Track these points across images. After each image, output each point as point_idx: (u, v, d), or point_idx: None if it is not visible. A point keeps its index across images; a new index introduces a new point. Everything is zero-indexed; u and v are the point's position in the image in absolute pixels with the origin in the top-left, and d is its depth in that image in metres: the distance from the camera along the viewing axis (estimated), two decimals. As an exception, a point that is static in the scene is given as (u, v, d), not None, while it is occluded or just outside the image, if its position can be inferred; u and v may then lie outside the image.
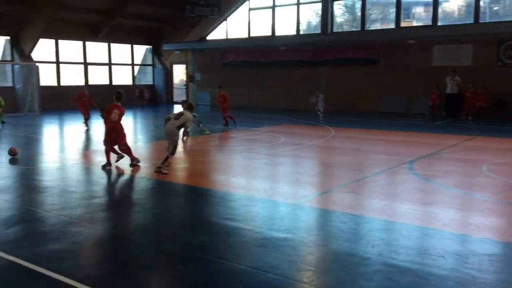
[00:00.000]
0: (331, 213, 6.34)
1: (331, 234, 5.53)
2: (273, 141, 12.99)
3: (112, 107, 9.22)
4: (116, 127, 9.20)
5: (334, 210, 6.45)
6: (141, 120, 20.64)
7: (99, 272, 4.51)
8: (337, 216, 6.17)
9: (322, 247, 5.14)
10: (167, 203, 7.06)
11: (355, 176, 8.65)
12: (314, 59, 24.48)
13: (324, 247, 5.14)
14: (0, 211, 6.36)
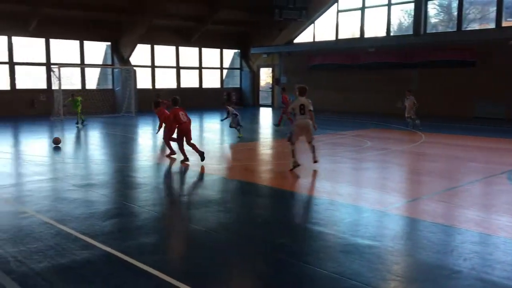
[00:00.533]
0: (420, 222, 6.05)
1: (419, 244, 5.27)
2: (359, 146, 12.70)
3: (177, 110, 10.10)
4: (188, 127, 10.18)
5: (423, 219, 6.14)
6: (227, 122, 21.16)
7: (185, 267, 4.69)
8: (426, 225, 5.88)
9: (409, 257, 4.92)
10: (251, 204, 7.17)
11: (447, 185, 8.19)
12: (405, 61, 23.56)
13: (411, 257, 4.92)
14: (98, 205, 6.85)
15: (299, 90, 9.74)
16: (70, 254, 4.86)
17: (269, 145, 13.68)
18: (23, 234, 5.48)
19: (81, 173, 9.30)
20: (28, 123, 18.72)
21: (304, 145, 9.67)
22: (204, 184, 8.50)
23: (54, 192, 7.70)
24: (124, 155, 11.52)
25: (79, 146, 13.77)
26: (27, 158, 10.77)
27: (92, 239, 5.30)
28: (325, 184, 8.33)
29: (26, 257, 4.76)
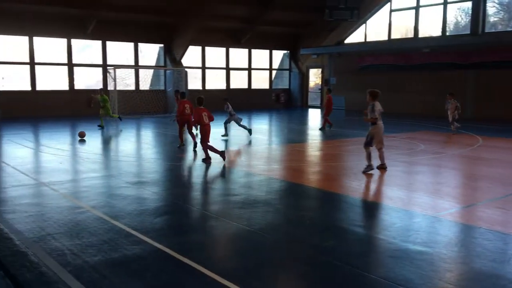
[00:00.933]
0: (475, 229, 5.80)
1: (474, 251, 5.06)
2: (412, 148, 12.35)
3: (201, 111, 10.27)
4: (208, 128, 10.33)
5: (479, 226, 5.88)
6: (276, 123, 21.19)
7: (232, 266, 4.73)
8: (481, 232, 5.63)
9: (463, 265, 4.72)
10: (298, 205, 7.13)
11: (506, 191, 7.81)
12: (462, 62, 22.71)
13: (465, 265, 4.72)
14: (149, 202, 7.04)
15: (373, 94, 9.35)
16: (122, 249, 5.02)
17: (317, 147, 13.56)
18: (78, 228, 5.71)
19: (134, 171, 9.59)
20: (85, 122, 19.51)
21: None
22: (253, 184, 8.54)
23: (108, 189, 7.98)
24: (175, 154, 11.78)
25: (132, 145, 14.21)
26: (84, 156, 11.22)
27: (143, 235, 5.45)
28: (375, 188, 8.15)
29: (81, 250, 4.96)
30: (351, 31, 28.26)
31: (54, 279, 4.17)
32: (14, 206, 6.69)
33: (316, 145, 14.07)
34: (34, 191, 7.79)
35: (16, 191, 7.64)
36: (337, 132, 16.30)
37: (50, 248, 5.01)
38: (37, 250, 4.93)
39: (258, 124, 20.09)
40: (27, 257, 4.59)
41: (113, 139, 15.00)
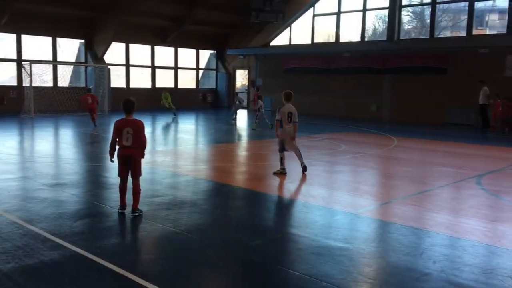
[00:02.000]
0: (391, 225, 6.15)
1: (390, 246, 5.36)
2: (333, 149, 12.83)
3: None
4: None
5: (394, 222, 6.24)
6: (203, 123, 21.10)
7: (158, 268, 4.64)
8: (397, 228, 5.97)
9: (380, 259, 4.99)
10: (225, 205, 7.15)
11: (418, 188, 8.35)
12: (379, 67, 23.95)
13: (382, 259, 4.99)
14: (68, 205, 6.72)
15: (286, 95, 9.19)
16: (38, 254, 4.75)
17: (244, 147, 13.68)
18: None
19: (52, 172, 9.10)
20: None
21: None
22: (178, 185, 8.43)
23: (23, 191, 7.51)
24: (95, 154, 11.33)
25: (50, 144, 13.47)
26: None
27: (62, 239, 5.19)
28: (299, 186, 8.37)
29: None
30: (277, 34, 28.81)
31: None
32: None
33: (243, 145, 14.18)
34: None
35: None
36: (264, 133, 16.54)
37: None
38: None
39: (185, 124, 19.88)
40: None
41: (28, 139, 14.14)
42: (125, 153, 6.14)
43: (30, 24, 22.10)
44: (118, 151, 6.21)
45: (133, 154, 6.14)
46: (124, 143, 6.09)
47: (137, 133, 6.09)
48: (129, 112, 6.17)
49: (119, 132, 6.08)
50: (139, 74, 27.36)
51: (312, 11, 26.91)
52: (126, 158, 6.16)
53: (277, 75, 28.16)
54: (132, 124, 6.10)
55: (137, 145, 6.16)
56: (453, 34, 23.06)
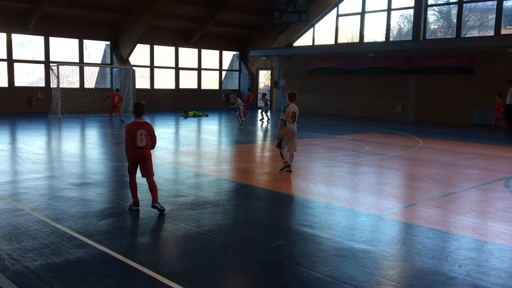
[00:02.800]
0: (416, 227, 6.06)
1: (414, 249, 5.28)
2: (357, 150, 12.72)
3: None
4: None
5: (419, 224, 6.15)
6: (225, 124, 21.19)
7: (181, 268, 4.68)
8: (422, 231, 5.88)
9: (404, 262, 4.92)
10: (247, 206, 7.16)
11: (444, 191, 8.20)
12: (404, 67, 23.64)
13: (407, 262, 4.92)
14: (94, 204, 6.84)
15: (290, 95, 9.57)
16: (64, 252, 4.85)
17: (266, 148, 13.68)
18: (18, 232, 5.46)
19: (78, 172, 9.28)
20: (25, 120, 18.68)
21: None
22: (201, 185, 8.49)
23: (50, 190, 7.68)
24: (120, 154, 11.50)
25: (76, 144, 13.74)
26: (24, 156, 10.74)
27: (87, 238, 5.29)
28: (322, 188, 8.33)
29: (21, 255, 4.74)
30: (300, 35, 28.73)
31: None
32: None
33: (266, 146, 14.18)
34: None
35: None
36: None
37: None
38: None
39: (208, 125, 20.00)
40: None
41: (55, 139, 14.45)
42: (140, 154, 6.42)
43: (57, 26, 22.61)
44: (131, 152, 6.46)
45: (146, 154, 6.46)
46: (139, 144, 6.38)
47: (149, 134, 6.46)
48: (140, 115, 6.50)
49: (133, 135, 6.36)
50: (163, 75, 27.67)
51: (335, 11, 26.74)
52: (140, 158, 6.45)
53: (300, 76, 28.09)
54: (145, 126, 6.44)
55: (149, 146, 6.51)
56: (481, 34, 22.59)
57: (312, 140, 14.93)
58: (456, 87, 21.42)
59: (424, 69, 22.84)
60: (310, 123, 21.09)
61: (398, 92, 23.66)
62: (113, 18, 23.97)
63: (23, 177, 8.56)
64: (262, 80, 32.26)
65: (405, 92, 23.55)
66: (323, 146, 13.74)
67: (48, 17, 21.81)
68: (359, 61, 25.33)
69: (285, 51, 28.73)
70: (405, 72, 23.55)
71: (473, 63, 21.18)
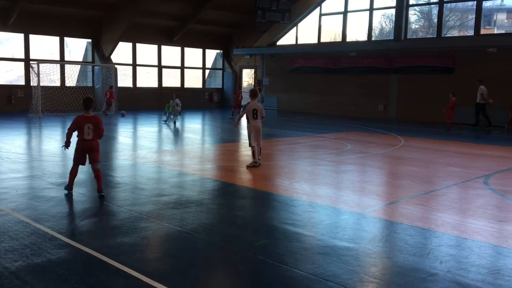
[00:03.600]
0: (398, 225, 6.13)
1: (396, 246, 5.34)
2: (339, 148, 12.80)
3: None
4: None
5: (401, 222, 6.23)
6: (209, 122, 21.14)
7: (164, 267, 4.66)
8: (403, 228, 5.96)
9: (387, 260, 4.98)
10: (231, 205, 7.16)
11: (425, 188, 8.32)
12: (386, 66, 23.88)
13: (389, 259, 4.98)
14: (76, 204, 6.76)
15: (251, 93, 10.05)
16: (46, 253, 4.78)
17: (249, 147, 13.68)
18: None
19: (59, 171, 9.16)
20: (5, 119, 18.36)
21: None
22: (184, 184, 8.46)
23: (30, 190, 7.57)
24: (102, 153, 11.37)
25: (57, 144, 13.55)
26: (4, 155, 10.55)
27: (69, 238, 5.23)
28: (305, 186, 8.37)
29: (0, 256, 4.67)
30: (283, 33, 28.80)
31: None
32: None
33: (249, 144, 14.18)
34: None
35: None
36: (269, 132, 16.54)
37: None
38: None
39: (191, 124, 19.93)
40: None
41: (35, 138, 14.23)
42: (86, 145, 7.01)
43: (38, 23, 22.25)
44: (78, 143, 7.08)
45: (93, 146, 7.07)
46: (86, 137, 6.96)
47: (97, 127, 6.99)
48: (88, 108, 7.04)
49: (79, 127, 6.95)
50: (145, 74, 27.46)
51: (318, 10, 26.86)
52: (87, 149, 7.05)
53: (284, 75, 28.16)
54: (92, 120, 6.97)
55: (96, 138, 7.09)
56: (461, 34, 22.94)
57: (295, 139, 14.99)
58: (437, 86, 21.70)
59: (406, 68, 23.10)
60: (293, 122, 21.17)
61: (380, 91, 23.89)
62: (95, 16, 23.68)
63: (3, 177, 8.41)
64: (245, 79, 32.24)
65: (387, 91, 23.79)
66: (306, 145, 13.80)
67: (28, 14, 21.44)
68: (342, 60, 25.49)
69: (268, 50, 28.76)
70: (387, 72, 23.78)
71: (454, 62, 21.49)
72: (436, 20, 22.94)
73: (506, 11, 22.38)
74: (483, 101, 18.59)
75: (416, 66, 22.72)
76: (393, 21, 24.08)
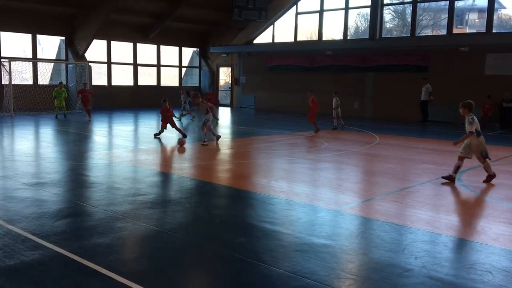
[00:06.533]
0: (373, 221, 6.22)
1: (372, 243, 5.41)
2: (316, 146, 12.89)
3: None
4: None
5: (377, 218, 6.31)
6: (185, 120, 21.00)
7: (142, 268, 4.61)
8: (379, 225, 6.04)
9: (363, 256, 5.04)
10: (208, 203, 7.14)
11: (400, 185, 8.45)
12: (361, 65, 24.15)
13: (365, 255, 5.04)
14: (50, 204, 6.63)
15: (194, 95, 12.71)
16: (19, 255, 4.68)
17: (226, 145, 13.66)
18: (-32, 234, 5.22)
19: (32, 171, 8.97)
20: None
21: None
22: (161, 183, 8.39)
23: (2, 191, 7.39)
24: (77, 153, 11.20)
25: (30, 143, 13.27)
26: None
27: (43, 239, 5.13)
28: (282, 184, 8.40)
29: (-29, 258, 4.54)
30: (260, 32, 28.82)
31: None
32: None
33: (226, 143, 14.15)
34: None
35: None
36: (247, 131, 16.55)
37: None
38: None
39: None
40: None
41: (7, 137, 13.90)
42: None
43: (9, 20, 21.72)
44: None
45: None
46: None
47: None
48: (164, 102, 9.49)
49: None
50: (121, 72, 27.11)
51: (295, 9, 26.97)
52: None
53: (261, 73, 28.19)
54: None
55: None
56: (434, 33, 23.36)
57: (272, 137, 15.03)
58: (411, 85, 22.05)
59: (381, 67, 23.41)
60: (270, 120, 21.22)
61: (356, 89, 24.14)
62: (68, 12, 23.24)
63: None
64: (222, 77, 32.16)
65: (363, 89, 24.07)
66: (283, 143, 13.85)
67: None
68: (318, 59, 25.67)
69: (245, 48, 28.74)
70: (362, 70, 24.06)
71: (428, 61, 21.88)
72: (410, 19, 23.30)
73: (477, 10, 22.88)
74: (427, 98, 20.25)
75: (391, 65, 23.05)
76: (368, 20, 24.36)
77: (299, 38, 27.13)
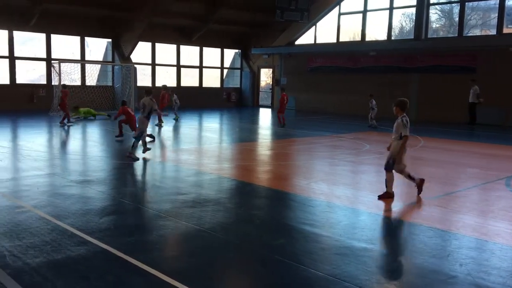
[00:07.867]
0: (417, 226, 6.06)
1: (415, 248, 5.28)
2: (358, 148, 12.70)
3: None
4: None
5: (420, 223, 6.14)
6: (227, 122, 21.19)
7: (182, 266, 4.69)
8: (422, 230, 5.88)
9: (405, 261, 4.92)
10: (248, 204, 7.17)
11: (445, 190, 8.20)
12: (406, 66, 23.60)
13: (407, 261, 4.92)
14: (95, 202, 6.84)
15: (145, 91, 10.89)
16: (65, 250, 4.86)
17: (267, 146, 13.68)
18: (19, 229, 5.46)
19: (79, 169, 9.29)
20: (27, 117, 18.69)
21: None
22: (202, 183, 8.49)
23: (51, 188, 7.69)
24: (122, 152, 11.51)
25: (78, 142, 13.75)
26: (25, 153, 10.75)
27: (88, 235, 5.30)
28: (323, 186, 8.32)
29: (22, 252, 4.75)
30: (302, 33, 28.68)
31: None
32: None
33: (267, 144, 14.18)
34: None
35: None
36: (287, 132, 16.52)
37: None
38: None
39: (209, 123, 20.00)
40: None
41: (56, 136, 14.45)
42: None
43: (59, 23, 22.59)
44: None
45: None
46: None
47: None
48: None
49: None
50: (164, 73, 27.66)
51: (337, 9, 26.68)
52: None
53: (302, 74, 28.06)
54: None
55: None
56: (483, 33, 22.54)
57: (313, 139, 14.92)
58: (459, 86, 21.35)
59: (426, 67, 22.80)
60: (311, 121, 21.09)
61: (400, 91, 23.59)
62: (115, 16, 23.94)
63: (24, 174, 8.57)
64: (263, 78, 32.24)
65: (407, 91, 23.48)
66: (324, 145, 13.73)
67: (49, 14, 21.79)
68: (361, 60, 25.29)
69: (286, 49, 28.69)
70: (407, 71, 23.51)
71: (475, 62, 21.13)
72: (457, 19, 22.58)
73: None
74: (476, 101, 19.50)
75: (437, 66, 22.41)
76: (414, 20, 23.78)
77: (342, 39, 26.82)
